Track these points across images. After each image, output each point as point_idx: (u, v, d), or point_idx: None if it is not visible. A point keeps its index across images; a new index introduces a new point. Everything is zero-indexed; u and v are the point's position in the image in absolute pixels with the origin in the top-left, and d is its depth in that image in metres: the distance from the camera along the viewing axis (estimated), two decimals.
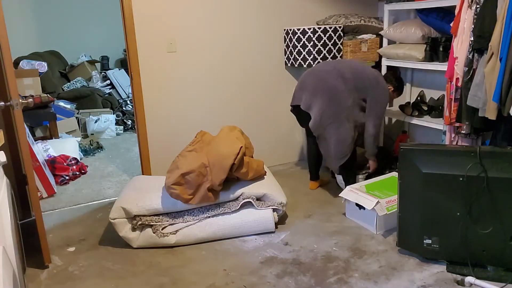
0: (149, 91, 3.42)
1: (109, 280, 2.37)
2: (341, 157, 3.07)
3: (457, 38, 2.76)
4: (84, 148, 4.73)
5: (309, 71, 3.22)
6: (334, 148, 3.05)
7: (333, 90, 3.00)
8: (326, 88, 3.02)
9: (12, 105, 2.22)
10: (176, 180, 2.61)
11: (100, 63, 6.68)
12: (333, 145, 3.04)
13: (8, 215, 1.72)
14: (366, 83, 3.07)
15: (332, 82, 3.02)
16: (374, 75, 3.13)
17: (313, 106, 3.05)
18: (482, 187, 2.16)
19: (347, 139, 3.02)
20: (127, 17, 3.21)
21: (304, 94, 3.11)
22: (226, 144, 2.75)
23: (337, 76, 3.04)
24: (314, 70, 3.18)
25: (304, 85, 3.15)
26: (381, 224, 2.73)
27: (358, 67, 3.15)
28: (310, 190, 3.46)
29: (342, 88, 3.00)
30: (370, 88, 3.07)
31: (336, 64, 3.18)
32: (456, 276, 2.25)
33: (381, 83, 3.12)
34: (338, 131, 3.01)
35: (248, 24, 3.67)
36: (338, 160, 3.08)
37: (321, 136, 3.09)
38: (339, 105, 3.00)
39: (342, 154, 3.06)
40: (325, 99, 3.00)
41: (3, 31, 2.14)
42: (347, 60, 3.40)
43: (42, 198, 3.45)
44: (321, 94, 3.02)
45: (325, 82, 3.04)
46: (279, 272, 2.36)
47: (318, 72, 3.14)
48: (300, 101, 3.14)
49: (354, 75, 3.06)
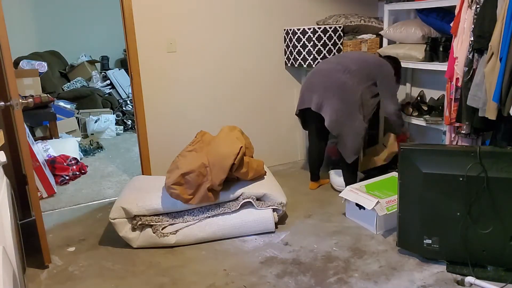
0: (149, 91, 3.42)
1: (109, 280, 2.37)
2: (357, 150, 3.09)
3: (457, 38, 2.76)
4: (84, 148, 4.73)
5: (313, 72, 3.22)
6: (350, 142, 3.05)
7: (343, 86, 3.00)
8: (336, 85, 3.02)
9: (12, 105, 2.22)
10: (176, 180, 2.61)
11: (100, 63, 6.67)
12: (350, 139, 3.05)
13: (8, 215, 1.72)
14: (372, 69, 3.09)
15: (340, 77, 3.02)
16: (376, 59, 3.18)
17: (324, 105, 3.04)
18: (482, 187, 2.16)
19: (361, 132, 3.04)
20: (127, 17, 3.21)
21: (314, 95, 3.10)
22: (226, 144, 2.75)
23: (344, 71, 3.05)
24: (319, 70, 3.18)
25: (311, 86, 3.14)
26: (381, 224, 2.73)
27: (361, 57, 3.18)
28: (310, 190, 3.46)
29: (351, 82, 3.01)
30: (377, 73, 3.09)
31: (339, 59, 3.18)
32: (456, 276, 2.25)
33: (384, 65, 3.15)
34: (354, 125, 3.02)
35: (248, 24, 3.67)
36: (355, 153, 3.09)
37: (340, 133, 3.06)
38: (351, 100, 3.00)
39: (358, 147, 3.07)
40: (337, 96, 2.99)
41: (3, 31, 2.14)
42: (348, 53, 3.43)
43: (42, 198, 3.45)
44: (333, 92, 3.01)
45: (333, 79, 3.04)
46: (279, 272, 2.36)
47: (323, 71, 3.14)
48: (310, 103, 3.12)
49: (359, 66, 3.08)
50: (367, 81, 3.06)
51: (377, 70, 3.10)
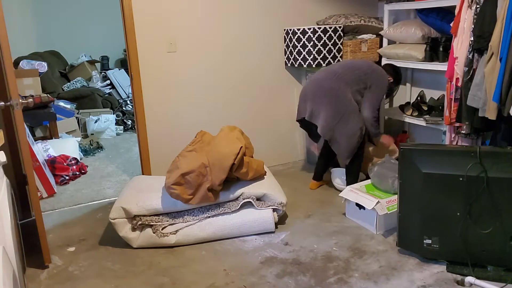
0: (149, 91, 3.42)
1: (109, 280, 2.37)
2: (352, 150, 3.10)
3: (457, 38, 2.76)
4: (84, 148, 4.73)
5: (308, 81, 3.30)
6: (345, 143, 3.08)
7: (330, 92, 3.06)
8: (324, 91, 3.09)
9: (12, 105, 2.22)
10: (176, 180, 2.61)
11: (100, 63, 6.67)
12: (344, 141, 3.07)
13: (8, 215, 1.72)
14: (360, 72, 3.11)
15: (327, 84, 3.09)
16: (368, 64, 3.20)
17: (317, 113, 3.11)
18: (482, 187, 2.16)
19: (356, 132, 3.05)
20: (127, 17, 3.21)
21: (307, 104, 3.18)
22: (226, 144, 2.75)
23: (331, 76, 3.11)
24: (312, 79, 3.25)
25: (305, 96, 3.22)
26: (381, 224, 2.73)
27: (349, 62, 3.27)
28: (310, 190, 3.45)
29: (337, 86, 3.06)
30: (366, 76, 3.11)
31: (331, 67, 3.25)
32: (456, 276, 2.25)
33: (376, 70, 3.16)
34: (347, 127, 3.04)
35: (248, 24, 3.67)
36: (349, 154, 3.11)
37: (332, 138, 3.11)
38: (341, 102, 3.04)
39: (352, 147, 3.08)
40: (326, 102, 3.06)
41: (3, 31, 2.14)
42: (342, 61, 3.51)
43: (42, 198, 3.45)
44: (322, 99, 3.08)
45: (322, 86, 3.11)
46: (279, 272, 2.36)
47: (316, 80, 3.20)
48: (305, 113, 3.20)
49: (344, 69, 3.13)
50: (356, 84, 3.09)
51: (365, 75, 3.11)
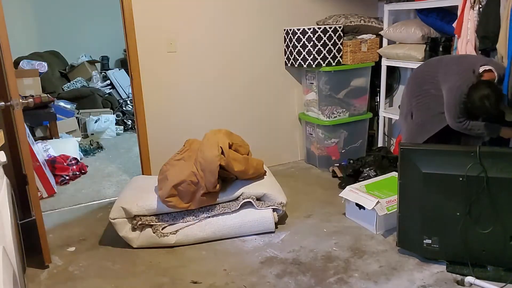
0: (149, 91, 3.42)
1: (109, 280, 2.37)
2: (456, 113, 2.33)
3: (461, 39, 2.74)
4: (84, 148, 4.73)
5: None
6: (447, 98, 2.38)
7: None
8: None
9: (12, 105, 2.22)
10: (169, 193, 2.61)
11: (100, 63, 6.67)
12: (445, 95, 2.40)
13: (8, 215, 1.72)
14: None
15: None
16: None
17: None
18: (482, 187, 2.16)
19: (461, 86, 2.27)
20: (127, 17, 3.21)
21: None
22: (208, 149, 2.73)
23: None
24: None
25: None
26: (381, 224, 2.73)
27: None
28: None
29: None
30: None
31: None
32: (456, 276, 2.25)
33: None
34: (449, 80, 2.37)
35: (248, 24, 3.67)
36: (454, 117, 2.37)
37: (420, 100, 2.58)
38: None
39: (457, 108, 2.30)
40: None
41: (3, 31, 2.14)
42: None
43: (42, 198, 3.45)
44: None
45: None
46: (279, 272, 2.36)
47: None
48: None
49: None
50: None
51: None
